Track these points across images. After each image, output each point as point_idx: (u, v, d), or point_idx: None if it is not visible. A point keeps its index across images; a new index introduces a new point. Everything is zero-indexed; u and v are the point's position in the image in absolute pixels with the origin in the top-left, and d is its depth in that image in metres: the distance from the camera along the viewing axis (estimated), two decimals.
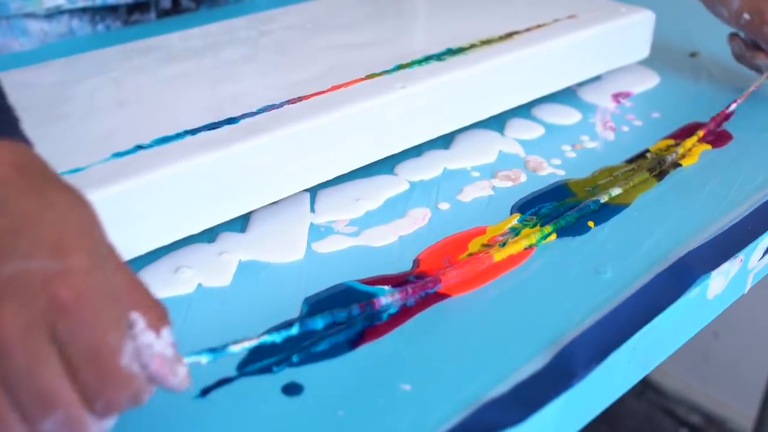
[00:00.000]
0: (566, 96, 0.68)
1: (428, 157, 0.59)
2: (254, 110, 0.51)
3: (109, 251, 0.32)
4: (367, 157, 0.54)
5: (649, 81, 0.72)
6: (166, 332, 0.32)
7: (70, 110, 0.52)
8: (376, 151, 0.55)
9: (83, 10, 0.86)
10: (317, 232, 0.51)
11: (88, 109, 0.52)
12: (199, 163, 0.46)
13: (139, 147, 0.47)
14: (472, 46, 0.61)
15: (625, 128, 0.64)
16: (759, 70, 0.69)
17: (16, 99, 0.36)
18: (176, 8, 0.92)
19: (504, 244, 0.50)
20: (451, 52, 0.60)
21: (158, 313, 0.32)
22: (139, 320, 0.31)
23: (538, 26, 0.65)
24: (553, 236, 0.51)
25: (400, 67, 0.58)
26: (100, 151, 0.47)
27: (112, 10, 0.88)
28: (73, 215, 0.31)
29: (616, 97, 0.69)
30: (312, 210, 0.53)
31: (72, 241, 0.30)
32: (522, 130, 0.63)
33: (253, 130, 0.49)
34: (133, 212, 0.44)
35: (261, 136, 0.48)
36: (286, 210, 0.53)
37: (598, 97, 0.69)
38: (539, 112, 0.66)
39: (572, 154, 0.60)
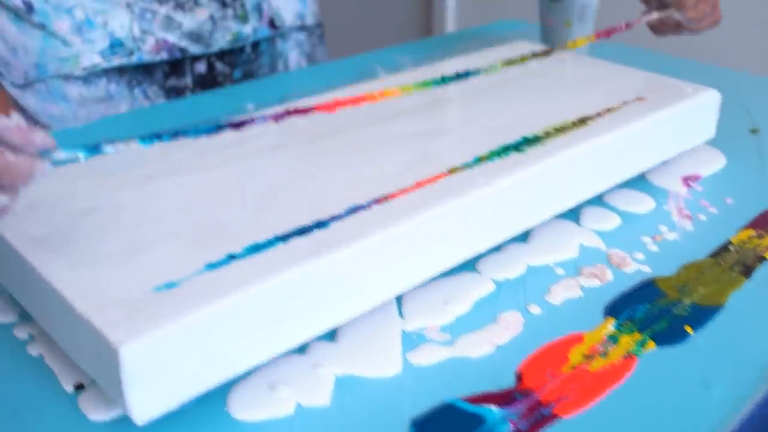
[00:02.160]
0: (636, 180, 0.67)
1: (509, 253, 0.57)
2: (342, 212, 0.49)
3: None
4: (455, 257, 0.53)
5: (716, 162, 0.71)
6: (15, 115, 0.39)
7: (149, 213, 0.50)
8: (464, 250, 0.53)
9: (120, 74, 0.85)
10: (410, 340, 0.49)
11: (165, 211, 0.50)
12: (296, 275, 0.44)
13: (232, 257, 0.45)
14: (547, 134, 0.60)
15: (702, 216, 0.63)
16: (679, 27, 0.73)
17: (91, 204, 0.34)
18: (211, 72, 0.91)
19: (605, 354, 0.48)
20: (528, 141, 0.59)
21: (6, 107, 0.41)
22: None
23: (608, 110, 0.64)
24: (652, 344, 0.49)
25: (479, 159, 0.56)
26: (191, 261, 0.45)
27: (148, 73, 0.86)
28: None
29: (686, 180, 0.68)
30: (400, 314, 0.51)
31: None
32: (598, 219, 0.62)
33: (347, 237, 0.47)
34: (229, 330, 0.42)
35: (355, 243, 0.46)
36: (374, 315, 0.51)
37: (667, 180, 0.68)
38: (612, 198, 0.64)
39: (654, 248, 0.59)
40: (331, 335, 0.49)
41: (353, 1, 2.39)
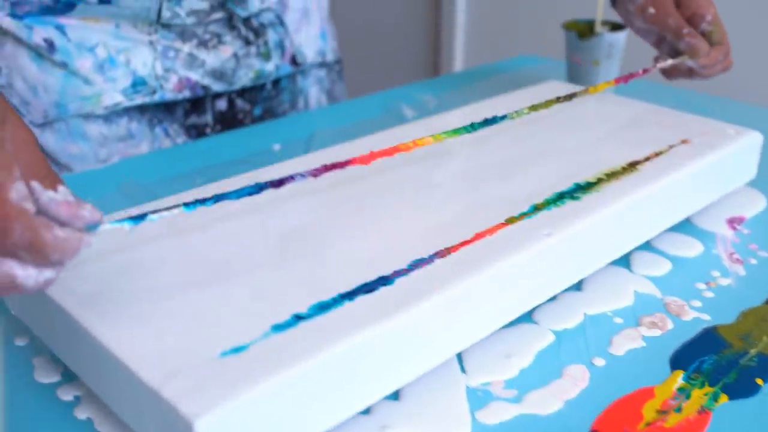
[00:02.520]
0: (681, 223, 0.65)
1: (564, 302, 0.56)
2: (405, 266, 0.48)
3: (11, 123, 0.39)
4: (518, 310, 0.51)
5: (758, 203, 0.70)
6: (62, 188, 0.38)
7: (202, 269, 0.48)
8: (526, 302, 0.52)
9: (141, 112, 0.83)
10: (475, 398, 0.48)
11: (220, 267, 0.48)
12: (366, 337, 0.42)
13: (298, 317, 0.43)
14: (600, 180, 0.59)
15: (753, 261, 0.62)
16: (691, 73, 0.75)
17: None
18: (231, 109, 0.89)
19: (679, 410, 0.47)
20: (581, 188, 0.58)
21: (52, 179, 0.38)
22: (37, 185, 0.37)
23: (656, 154, 0.63)
24: (725, 397, 0.48)
25: (536, 208, 0.55)
26: (255, 322, 0.43)
27: (169, 111, 0.85)
28: None
29: (731, 223, 0.67)
30: (462, 370, 0.50)
31: None
32: (649, 265, 0.61)
33: (414, 295, 0.45)
34: (300, 396, 0.40)
35: (423, 301, 0.45)
36: (435, 371, 0.49)
37: (712, 223, 0.67)
38: (659, 243, 0.63)
39: (710, 294, 0.58)
40: (394, 393, 0.47)
41: (361, 37, 2.40)
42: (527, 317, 0.54)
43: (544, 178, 0.59)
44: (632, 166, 0.61)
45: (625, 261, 0.61)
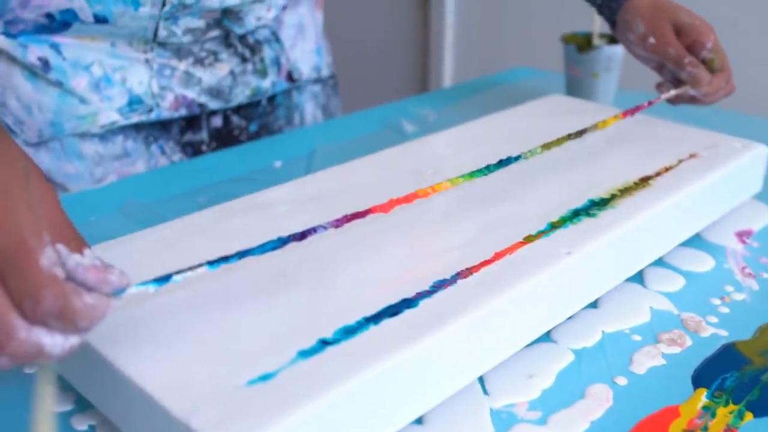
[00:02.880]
0: (691, 237, 0.65)
1: (581, 320, 0.56)
2: (428, 288, 0.47)
3: (35, 182, 0.37)
4: (539, 329, 0.51)
5: (764, 215, 0.70)
6: (87, 252, 0.37)
7: (220, 295, 0.47)
8: (547, 322, 0.51)
9: (137, 130, 0.82)
10: (500, 420, 0.47)
11: (239, 293, 0.47)
12: (395, 362, 0.42)
13: (324, 342, 0.43)
14: (613, 196, 0.59)
15: (765, 275, 0.62)
16: (694, 100, 0.75)
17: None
18: (227, 126, 0.88)
19: (706, 429, 0.46)
20: (596, 204, 0.57)
21: (78, 241, 0.37)
22: (63, 249, 0.36)
23: (666, 169, 0.63)
24: (750, 415, 0.48)
25: (552, 226, 0.54)
26: (281, 348, 0.42)
27: (165, 129, 0.84)
28: None
29: (740, 236, 0.67)
30: (485, 392, 0.49)
31: None
32: (662, 281, 0.60)
33: (440, 318, 0.44)
34: (328, 424, 0.39)
35: (449, 324, 0.44)
36: (457, 393, 0.48)
37: (721, 236, 0.67)
38: (671, 258, 0.63)
39: (725, 309, 0.57)
40: (418, 418, 0.47)
41: (348, 51, 2.39)
42: (545, 336, 0.54)
43: (557, 194, 0.59)
44: (644, 181, 0.61)
45: (638, 277, 0.61)
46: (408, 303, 0.46)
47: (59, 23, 0.75)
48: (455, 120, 0.84)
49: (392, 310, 0.45)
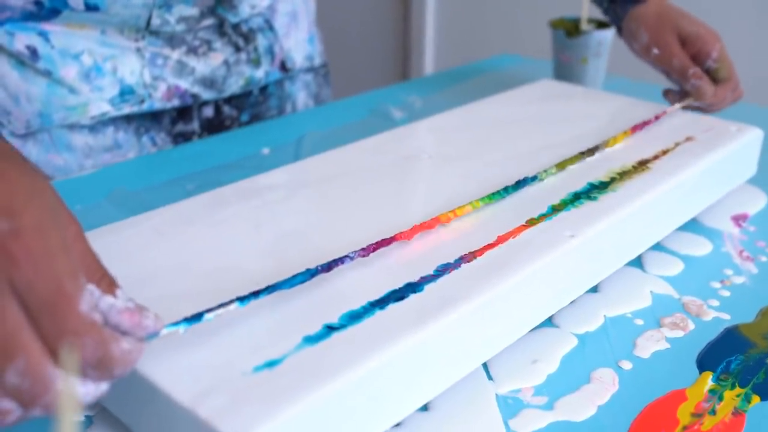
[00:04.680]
0: (688, 221, 0.65)
1: (582, 305, 0.55)
2: (432, 272, 0.46)
3: (65, 219, 0.34)
4: (543, 314, 0.50)
5: (759, 199, 0.70)
6: (120, 293, 0.36)
7: (227, 279, 0.46)
8: (551, 306, 0.51)
9: (128, 121, 0.80)
10: (506, 406, 0.46)
11: (247, 280, 0.46)
12: (403, 348, 0.41)
13: (330, 328, 0.42)
14: (613, 179, 0.58)
15: (763, 258, 0.62)
16: (700, 109, 0.74)
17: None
18: (218, 116, 0.87)
19: (714, 412, 0.46)
20: (595, 187, 0.57)
21: (109, 281, 0.36)
22: (95, 290, 0.34)
23: (664, 152, 0.63)
24: (757, 398, 0.47)
25: (554, 208, 0.54)
26: (287, 334, 0.41)
27: (156, 120, 0.82)
28: (24, 181, 0.33)
29: (736, 220, 0.67)
30: (489, 377, 0.48)
31: (23, 203, 0.32)
32: (661, 265, 0.60)
33: (446, 302, 0.44)
34: (335, 411, 0.38)
35: (455, 308, 0.43)
36: (462, 379, 0.47)
37: (717, 220, 0.67)
38: (669, 242, 0.63)
39: (725, 293, 0.57)
40: (424, 405, 0.46)
41: (329, 37, 2.38)
42: (547, 321, 0.53)
43: (557, 177, 0.58)
44: (643, 164, 0.61)
45: (637, 261, 0.60)
46: (413, 287, 0.45)
47: (48, 10, 0.73)
48: (442, 106, 0.83)
49: (397, 295, 0.44)
